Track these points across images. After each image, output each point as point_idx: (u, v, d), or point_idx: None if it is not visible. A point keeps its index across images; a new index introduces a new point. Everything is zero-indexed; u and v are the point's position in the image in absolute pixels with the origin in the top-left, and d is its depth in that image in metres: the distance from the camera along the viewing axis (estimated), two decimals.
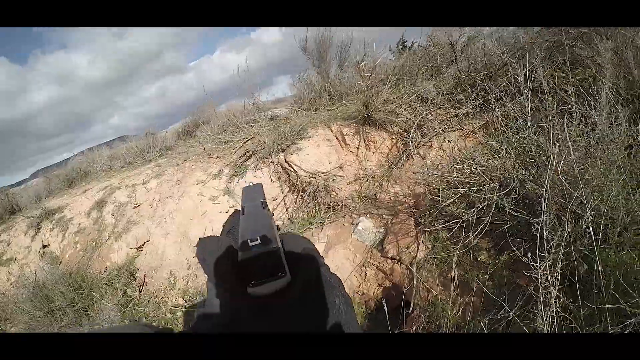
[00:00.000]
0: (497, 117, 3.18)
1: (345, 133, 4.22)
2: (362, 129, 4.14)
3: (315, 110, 5.45)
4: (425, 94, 4.09)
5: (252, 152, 4.39)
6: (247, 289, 0.50)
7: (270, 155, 4.20)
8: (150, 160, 6.25)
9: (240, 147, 4.65)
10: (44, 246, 5.31)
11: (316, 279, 0.56)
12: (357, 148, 4.19)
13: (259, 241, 0.50)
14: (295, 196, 4.10)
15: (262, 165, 4.28)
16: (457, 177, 2.90)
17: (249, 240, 0.50)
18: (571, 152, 2.04)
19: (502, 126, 3.03)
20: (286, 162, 4.13)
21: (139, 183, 4.96)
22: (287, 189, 4.16)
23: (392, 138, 4.08)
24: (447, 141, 3.69)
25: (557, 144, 2.13)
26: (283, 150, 4.20)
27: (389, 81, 4.23)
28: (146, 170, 5.33)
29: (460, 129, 3.70)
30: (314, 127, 4.44)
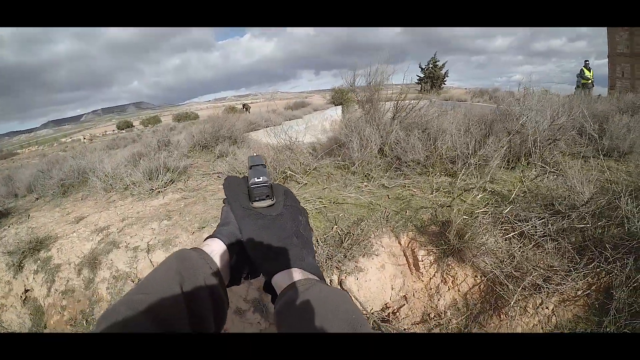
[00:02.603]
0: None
1: (420, 258, 3.23)
2: (445, 260, 3.14)
3: (367, 176, 4.42)
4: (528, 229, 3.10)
5: None
6: (252, 203, 0.82)
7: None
8: (159, 192, 5.23)
9: None
10: (26, 290, 4.48)
11: (292, 205, 0.86)
12: (431, 278, 3.22)
13: (261, 179, 0.82)
14: None
15: None
16: None
17: (255, 178, 0.82)
18: None
19: None
20: (342, 288, 3.17)
21: (142, 247, 4.00)
22: None
23: (476, 276, 3.12)
24: (545, 307, 2.74)
25: None
26: (338, 268, 3.22)
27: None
28: (151, 222, 4.34)
29: (562, 292, 2.73)
30: (376, 232, 3.43)
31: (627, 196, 2.83)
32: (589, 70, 16.36)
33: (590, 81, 16.36)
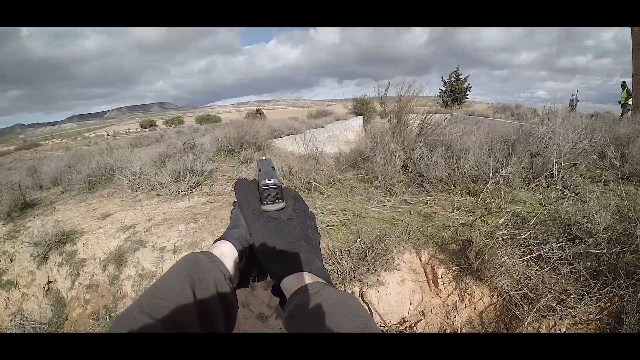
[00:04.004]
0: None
1: (439, 275, 3.31)
2: (464, 278, 3.21)
3: (389, 191, 4.50)
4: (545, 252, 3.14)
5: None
6: (262, 206, 0.86)
7: (343, 282, 3.32)
8: (185, 194, 5.36)
9: None
10: (50, 282, 4.61)
11: (301, 209, 0.90)
12: (449, 295, 3.29)
13: (272, 181, 0.86)
14: None
15: None
16: None
17: (266, 180, 0.86)
18: None
19: None
20: (363, 300, 3.25)
21: (168, 248, 4.11)
22: None
23: (493, 296, 3.17)
24: (558, 329, 2.78)
25: None
26: (360, 280, 3.31)
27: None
28: (178, 224, 4.46)
29: (574, 315, 2.78)
30: (398, 247, 3.50)
31: None
32: (625, 91, 15.72)
33: (622, 102, 15.80)
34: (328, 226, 3.72)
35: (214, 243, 0.85)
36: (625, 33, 16.51)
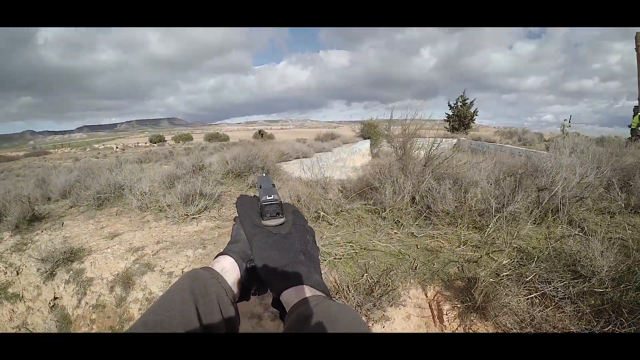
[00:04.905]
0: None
1: (445, 311, 3.33)
2: (469, 316, 3.23)
3: (397, 223, 4.54)
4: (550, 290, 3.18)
5: None
6: (263, 221, 0.88)
7: None
8: (194, 218, 5.42)
9: None
10: (55, 298, 4.64)
11: (300, 224, 0.93)
12: (453, 331, 3.31)
13: (272, 197, 0.89)
14: None
15: None
16: None
17: (266, 197, 0.89)
18: None
19: None
20: None
21: (176, 274, 4.15)
22: None
23: (498, 332, 3.20)
24: None
25: None
26: (366, 315, 3.33)
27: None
28: (186, 249, 4.50)
29: None
30: (404, 284, 3.54)
31: None
32: (638, 117, 15.20)
33: (633, 127, 15.32)
34: (335, 259, 3.75)
35: (215, 258, 0.88)
36: (631, 55, 16.36)
